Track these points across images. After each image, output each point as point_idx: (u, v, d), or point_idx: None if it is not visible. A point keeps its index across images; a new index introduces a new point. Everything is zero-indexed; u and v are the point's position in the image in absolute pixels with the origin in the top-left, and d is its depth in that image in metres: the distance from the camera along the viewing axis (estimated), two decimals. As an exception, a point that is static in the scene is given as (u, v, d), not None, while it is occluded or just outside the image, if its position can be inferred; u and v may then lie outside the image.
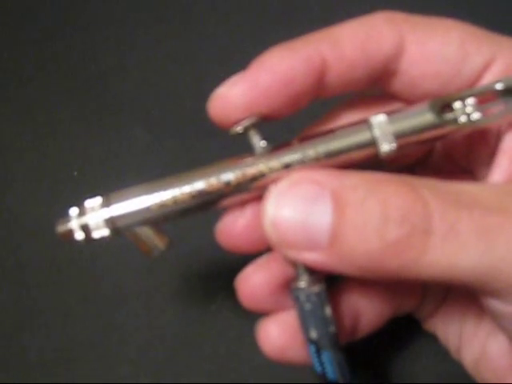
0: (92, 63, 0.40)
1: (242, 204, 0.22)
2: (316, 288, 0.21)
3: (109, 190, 0.36)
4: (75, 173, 0.37)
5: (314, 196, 0.18)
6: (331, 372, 0.22)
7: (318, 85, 0.22)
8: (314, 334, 0.21)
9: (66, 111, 0.39)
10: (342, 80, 0.22)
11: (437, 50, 0.21)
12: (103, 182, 0.37)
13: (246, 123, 0.21)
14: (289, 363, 0.24)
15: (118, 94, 0.39)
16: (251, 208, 0.22)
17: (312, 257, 0.19)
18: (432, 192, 0.18)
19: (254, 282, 0.24)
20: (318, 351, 0.22)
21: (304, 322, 0.22)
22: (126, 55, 0.40)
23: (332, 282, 0.23)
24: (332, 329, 0.22)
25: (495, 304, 0.19)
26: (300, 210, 0.18)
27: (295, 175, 0.20)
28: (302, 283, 0.21)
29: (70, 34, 0.41)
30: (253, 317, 0.24)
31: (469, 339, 0.25)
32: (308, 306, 0.21)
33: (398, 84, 0.23)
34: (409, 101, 0.23)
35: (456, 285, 0.19)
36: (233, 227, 0.23)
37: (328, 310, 0.21)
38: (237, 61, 0.39)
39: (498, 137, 0.22)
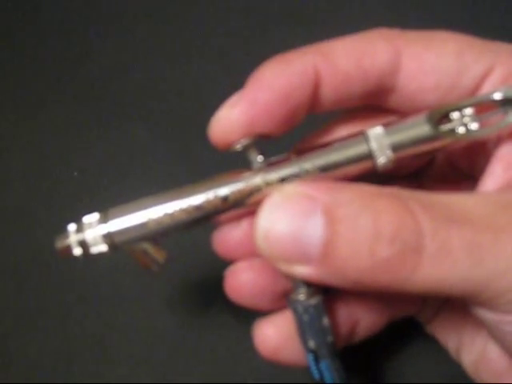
0: (92, 63, 0.40)
1: (239, 218, 0.22)
2: (314, 300, 0.21)
3: (109, 190, 0.36)
4: (75, 173, 0.37)
5: (306, 210, 0.18)
6: (329, 379, 0.22)
7: (313, 98, 0.22)
8: (312, 344, 0.22)
9: (66, 111, 0.39)
10: (337, 95, 0.22)
11: (434, 63, 0.21)
12: (103, 182, 0.37)
13: (245, 142, 0.21)
14: (284, 364, 0.24)
15: (118, 94, 0.39)
16: (247, 220, 0.22)
17: (304, 270, 0.19)
18: (422, 207, 0.18)
19: (242, 280, 0.24)
20: (317, 360, 0.22)
21: (302, 332, 0.22)
22: (126, 55, 0.40)
23: (328, 290, 0.23)
24: (330, 338, 0.22)
25: (484, 313, 0.20)
26: (292, 223, 0.18)
27: (288, 188, 0.19)
28: (301, 296, 0.21)
29: (70, 34, 0.41)
30: (252, 319, 0.25)
31: (468, 342, 0.25)
32: (306, 318, 0.21)
33: (397, 99, 0.23)
34: (407, 114, 0.23)
35: (445, 297, 0.19)
36: (229, 238, 0.23)
37: (326, 321, 0.22)
38: (237, 61, 0.39)
39: (496, 143, 0.22)
